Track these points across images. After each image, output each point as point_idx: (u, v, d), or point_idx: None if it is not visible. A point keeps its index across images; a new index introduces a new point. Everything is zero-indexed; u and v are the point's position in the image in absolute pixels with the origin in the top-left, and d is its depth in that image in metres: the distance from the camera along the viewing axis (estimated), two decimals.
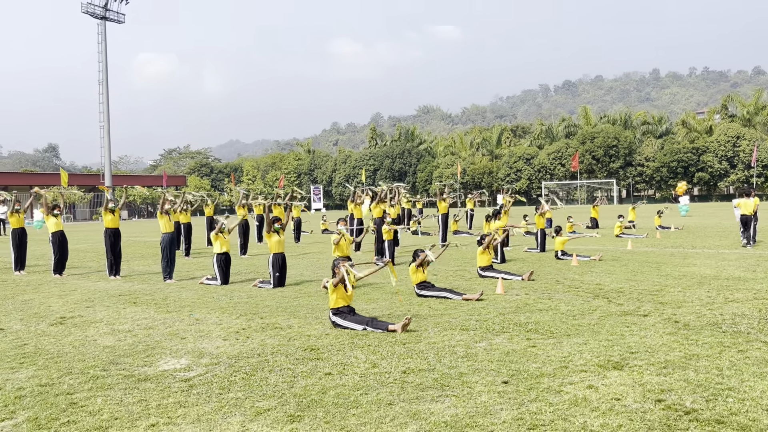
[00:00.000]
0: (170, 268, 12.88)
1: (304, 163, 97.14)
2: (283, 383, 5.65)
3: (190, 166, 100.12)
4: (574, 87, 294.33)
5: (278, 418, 4.78)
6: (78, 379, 5.94)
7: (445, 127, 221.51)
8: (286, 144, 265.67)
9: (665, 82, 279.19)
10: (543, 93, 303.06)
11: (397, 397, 5.18)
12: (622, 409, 4.75)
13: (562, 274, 12.51)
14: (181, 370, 6.19)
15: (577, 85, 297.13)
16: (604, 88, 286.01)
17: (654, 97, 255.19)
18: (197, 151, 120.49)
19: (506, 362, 6.12)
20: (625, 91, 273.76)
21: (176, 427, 4.65)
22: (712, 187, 71.18)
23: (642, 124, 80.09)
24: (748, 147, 66.46)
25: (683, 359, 6.05)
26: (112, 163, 78.47)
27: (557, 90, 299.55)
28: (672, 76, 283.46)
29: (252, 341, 7.31)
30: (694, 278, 11.35)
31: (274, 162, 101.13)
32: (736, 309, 8.43)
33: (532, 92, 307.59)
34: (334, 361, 6.33)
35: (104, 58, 73.57)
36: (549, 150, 77.30)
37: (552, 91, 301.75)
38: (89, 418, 4.86)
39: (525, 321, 8.02)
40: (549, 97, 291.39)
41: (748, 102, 75.22)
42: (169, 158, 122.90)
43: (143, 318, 8.94)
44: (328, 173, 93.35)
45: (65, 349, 7.18)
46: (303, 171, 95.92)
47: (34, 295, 11.64)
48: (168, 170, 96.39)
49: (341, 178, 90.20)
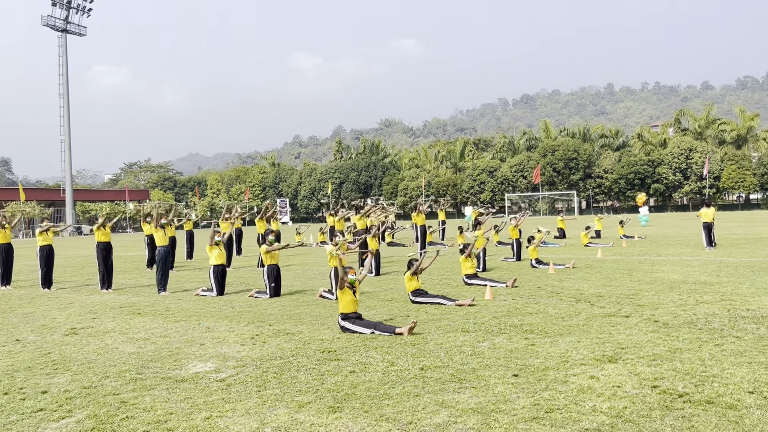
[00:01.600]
0: (164, 280, 13.20)
1: (269, 177, 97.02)
2: (314, 381, 6.15)
3: (152, 180, 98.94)
4: (532, 101, 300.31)
5: (320, 410, 5.30)
6: (117, 381, 6.34)
7: (407, 140, 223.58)
8: (247, 157, 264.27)
9: (619, 96, 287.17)
10: (502, 106, 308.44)
11: (422, 390, 5.74)
12: (624, 395, 5.40)
13: (542, 281, 13.24)
14: (211, 372, 6.63)
15: (535, 98, 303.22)
16: (561, 101, 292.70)
17: (609, 111, 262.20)
18: (158, 165, 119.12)
19: (511, 359, 6.74)
20: (581, 104, 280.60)
21: (229, 420, 5.12)
22: (668, 198, 73.72)
23: (600, 137, 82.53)
24: (700, 159, 69.14)
25: (668, 353, 6.76)
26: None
27: (516, 103, 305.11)
28: (626, 91, 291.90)
29: (269, 346, 7.78)
30: (665, 283, 12.20)
31: (239, 175, 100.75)
32: (707, 309, 9.24)
33: (491, 105, 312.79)
34: (353, 361, 6.86)
35: (65, 71, 72.58)
36: (511, 162, 79.01)
37: (510, 104, 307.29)
38: (145, 414, 5.30)
39: (519, 323, 8.68)
40: (508, 111, 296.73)
41: (699, 116, 78.30)
42: (129, 172, 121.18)
43: (154, 327, 9.30)
44: (294, 186, 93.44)
45: (91, 356, 7.53)
46: (268, 184, 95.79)
47: (32, 308, 11.83)
48: (129, 184, 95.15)
49: (307, 191, 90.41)
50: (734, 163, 68.56)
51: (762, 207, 69.92)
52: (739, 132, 73.52)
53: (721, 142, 74.94)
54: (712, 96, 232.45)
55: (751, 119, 73.53)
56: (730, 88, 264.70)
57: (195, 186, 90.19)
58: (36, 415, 5.35)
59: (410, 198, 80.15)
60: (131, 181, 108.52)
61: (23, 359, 7.50)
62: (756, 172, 67.66)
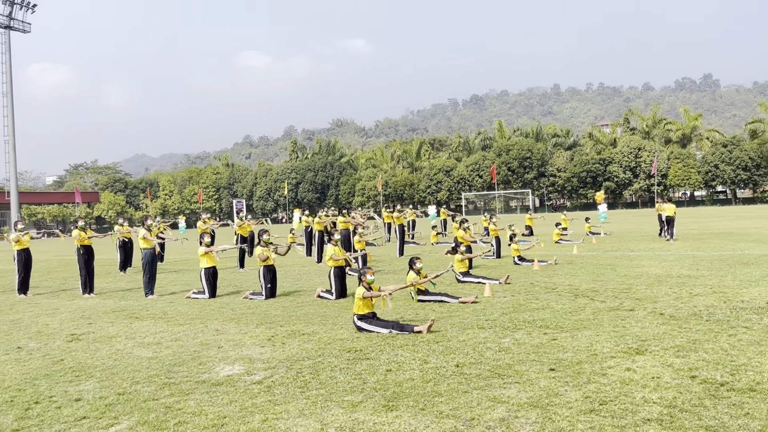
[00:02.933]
0: (152, 283, 12.88)
1: (222, 177, 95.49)
2: (354, 380, 6.12)
3: (102, 181, 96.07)
4: (481, 101, 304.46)
5: (376, 408, 5.28)
6: (150, 387, 6.17)
7: (359, 140, 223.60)
8: (196, 158, 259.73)
9: (565, 97, 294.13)
10: (452, 107, 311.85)
11: (468, 386, 5.79)
12: (667, 385, 5.56)
13: (531, 277, 13.47)
14: (243, 374, 6.52)
15: (484, 99, 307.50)
16: (509, 102, 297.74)
17: (555, 111, 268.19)
18: (106, 166, 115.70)
19: (540, 353, 6.85)
20: (528, 105, 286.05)
21: (287, 421, 5.06)
22: (618, 196, 75.81)
23: (552, 137, 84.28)
24: (648, 158, 71.37)
25: (689, 344, 6.98)
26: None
27: (465, 104, 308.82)
28: (571, 91, 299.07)
29: (290, 347, 7.70)
30: (651, 277, 12.57)
31: (191, 176, 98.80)
32: (705, 301, 9.57)
33: (441, 106, 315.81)
34: (385, 360, 6.85)
35: (8, 69, 69.86)
36: (467, 162, 79.87)
37: (460, 104, 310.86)
38: (197, 419, 5.18)
39: (530, 319, 8.81)
40: (458, 111, 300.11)
41: (646, 116, 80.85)
42: (75, 173, 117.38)
43: (160, 331, 9.08)
44: (249, 187, 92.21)
45: (108, 362, 7.30)
46: (222, 185, 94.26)
47: (16, 314, 11.38)
48: (77, 186, 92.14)
49: (263, 192, 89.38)
50: (680, 161, 71.00)
51: (706, 203, 72.63)
52: (684, 131, 76.19)
53: (667, 141, 77.49)
54: (653, 96, 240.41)
55: (695, 119, 76.30)
56: (669, 89, 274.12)
57: (147, 188, 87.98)
58: (81, 423, 5.17)
59: (367, 198, 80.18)
60: (78, 183, 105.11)
61: (36, 367, 7.22)
62: (700, 170, 70.23)
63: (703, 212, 51.06)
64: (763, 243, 18.78)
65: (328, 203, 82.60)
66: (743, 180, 68.22)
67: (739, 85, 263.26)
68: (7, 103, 69.56)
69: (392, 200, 77.19)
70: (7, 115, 69.45)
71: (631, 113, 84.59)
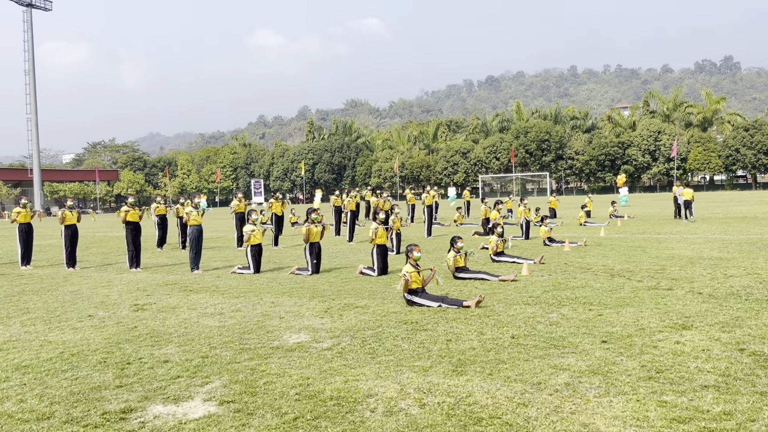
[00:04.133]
0: (197, 259, 13.37)
1: (240, 157, 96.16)
2: (419, 348, 6.54)
3: (121, 160, 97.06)
4: (496, 82, 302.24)
5: (446, 373, 5.69)
6: (228, 351, 6.62)
7: (374, 120, 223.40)
8: (211, 137, 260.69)
9: (582, 79, 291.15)
10: (467, 88, 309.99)
11: (528, 355, 6.18)
12: (718, 357, 5.93)
13: (564, 258, 13.82)
14: (312, 342, 6.96)
15: (499, 80, 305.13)
16: (525, 83, 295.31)
17: (572, 93, 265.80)
18: (123, 145, 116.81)
19: (589, 327, 7.23)
20: (545, 86, 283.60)
21: (366, 382, 5.47)
22: (637, 179, 75.64)
23: (571, 119, 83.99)
24: (668, 141, 71.06)
25: (733, 320, 7.33)
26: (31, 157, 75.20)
27: (481, 85, 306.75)
28: (588, 73, 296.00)
29: (347, 318, 8.13)
30: (683, 259, 12.88)
31: (209, 155, 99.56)
32: (741, 282, 9.89)
33: (456, 87, 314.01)
34: (442, 331, 7.26)
35: (31, 47, 70.55)
36: (484, 144, 79.92)
37: (476, 86, 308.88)
38: (282, 379, 5.61)
39: (573, 296, 9.19)
40: (473, 92, 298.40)
41: (667, 99, 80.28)
42: (93, 152, 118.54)
43: (217, 303, 9.55)
44: (266, 167, 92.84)
45: (179, 330, 7.78)
46: (239, 165, 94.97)
47: (72, 287, 11.91)
48: (97, 164, 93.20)
49: (279, 172, 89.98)
50: (700, 145, 70.65)
51: (726, 188, 72.34)
52: (705, 115, 75.65)
53: (687, 125, 77.04)
54: (672, 79, 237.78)
55: (717, 102, 75.72)
56: (689, 71, 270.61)
57: (165, 167, 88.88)
58: (177, 381, 5.63)
59: (383, 179, 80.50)
60: (96, 161, 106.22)
61: (114, 333, 7.71)
62: (721, 154, 69.86)
63: (724, 196, 50.98)
64: None
65: (344, 184, 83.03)
66: (764, 164, 67.77)
67: (761, 68, 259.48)
68: (29, 81, 70.33)
69: (408, 182, 77.50)
70: (29, 92, 70.27)
71: (651, 96, 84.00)
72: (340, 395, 5.15)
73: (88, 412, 4.93)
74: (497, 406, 4.82)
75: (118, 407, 5.01)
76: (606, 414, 4.58)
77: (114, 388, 5.50)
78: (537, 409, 4.73)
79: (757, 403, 4.71)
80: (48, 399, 5.27)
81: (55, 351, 6.87)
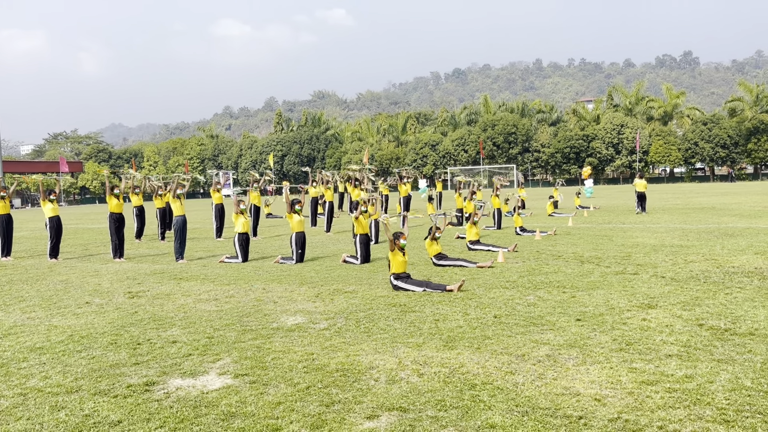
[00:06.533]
0: (182, 249, 13.69)
1: (207, 149, 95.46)
2: (410, 327, 7.08)
3: (84, 151, 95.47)
4: (463, 75, 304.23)
5: (438, 347, 6.24)
6: (231, 332, 7.06)
7: (341, 112, 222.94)
8: (175, 128, 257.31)
9: (547, 72, 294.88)
10: (434, 80, 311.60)
11: (510, 332, 6.77)
12: (680, 331, 6.59)
13: (536, 246, 14.51)
14: (308, 323, 7.44)
15: (466, 73, 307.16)
16: (492, 76, 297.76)
17: (537, 86, 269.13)
18: (87, 136, 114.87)
19: (565, 308, 7.86)
20: (511, 79, 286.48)
21: (368, 357, 5.99)
22: (600, 171, 77.41)
23: (537, 113, 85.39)
24: (630, 134, 72.90)
25: (693, 300, 8.04)
26: None
27: (448, 78, 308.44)
28: (553, 66, 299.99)
29: (338, 303, 8.62)
30: (646, 247, 13.67)
31: (176, 147, 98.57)
32: (700, 267, 10.66)
33: (423, 79, 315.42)
34: (429, 313, 7.81)
35: None
36: (453, 137, 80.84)
37: (443, 78, 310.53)
38: (288, 355, 6.09)
39: (547, 280, 9.83)
40: (440, 85, 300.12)
41: (629, 93, 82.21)
42: (54, 143, 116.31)
43: (210, 290, 9.95)
44: (234, 159, 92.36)
45: (179, 314, 8.18)
46: (207, 156, 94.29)
47: (60, 276, 12.15)
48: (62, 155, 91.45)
49: (248, 164, 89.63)
50: (661, 139, 72.65)
51: (685, 180, 74.56)
52: (665, 109, 77.71)
53: (649, 119, 79.03)
54: (634, 73, 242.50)
55: (677, 97, 77.84)
56: (650, 65, 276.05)
57: (131, 158, 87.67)
58: (190, 358, 6.06)
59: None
60: (59, 152, 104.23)
61: (116, 317, 8.07)
62: (680, 147, 71.95)
63: (683, 188, 52.70)
64: (744, 217, 20.03)
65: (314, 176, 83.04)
66: (721, 158, 70.06)
67: (719, 63, 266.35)
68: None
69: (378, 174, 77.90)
70: None
71: (615, 90, 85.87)
72: (344, 368, 5.66)
73: (113, 385, 5.35)
74: (488, 374, 5.38)
75: (140, 381, 5.44)
76: (584, 379, 5.18)
77: (131, 365, 5.91)
78: (523, 376, 5.31)
79: (714, 368, 5.35)
80: (72, 375, 5.67)
81: (64, 334, 7.23)
